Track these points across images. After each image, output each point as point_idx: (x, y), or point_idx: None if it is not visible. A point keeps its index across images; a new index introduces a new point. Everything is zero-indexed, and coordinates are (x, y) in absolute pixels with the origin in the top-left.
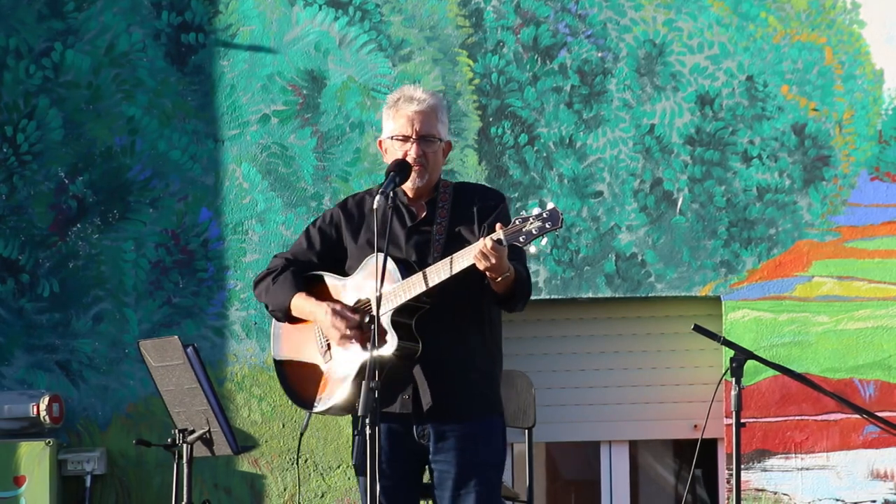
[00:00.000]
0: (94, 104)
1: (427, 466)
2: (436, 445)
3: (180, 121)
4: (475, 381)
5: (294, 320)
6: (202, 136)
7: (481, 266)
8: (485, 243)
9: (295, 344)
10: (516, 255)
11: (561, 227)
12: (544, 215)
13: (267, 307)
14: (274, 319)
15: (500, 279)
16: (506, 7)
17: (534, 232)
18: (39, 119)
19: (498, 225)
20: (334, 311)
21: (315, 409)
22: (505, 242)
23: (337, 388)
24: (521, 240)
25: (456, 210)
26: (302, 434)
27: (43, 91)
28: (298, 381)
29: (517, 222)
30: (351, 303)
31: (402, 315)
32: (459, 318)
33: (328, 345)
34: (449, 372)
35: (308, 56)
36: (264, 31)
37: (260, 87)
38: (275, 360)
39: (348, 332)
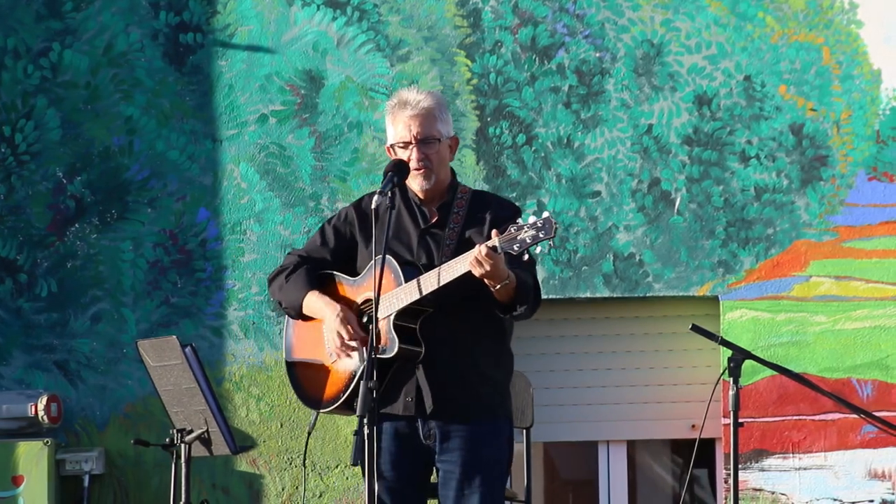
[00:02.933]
0: (92, 104)
1: (434, 467)
2: (441, 445)
3: (178, 121)
4: (478, 384)
5: (307, 318)
6: (200, 136)
7: (477, 273)
8: (479, 250)
9: (305, 342)
10: (524, 264)
11: (555, 236)
12: (538, 224)
13: (280, 304)
14: (287, 317)
15: (499, 286)
16: (504, 7)
17: (527, 241)
18: (37, 119)
19: (494, 231)
20: (342, 319)
21: (323, 409)
22: (500, 250)
23: (343, 387)
24: (515, 248)
25: (470, 217)
26: (309, 434)
27: (41, 91)
28: (307, 380)
29: (511, 230)
30: (359, 303)
31: (406, 318)
32: (464, 322)
33: None
34: (452, 374)
35: (306, 56)
36: (262, 31)
37: (258, 87)
38: (286, 359)
39: (350, 342)
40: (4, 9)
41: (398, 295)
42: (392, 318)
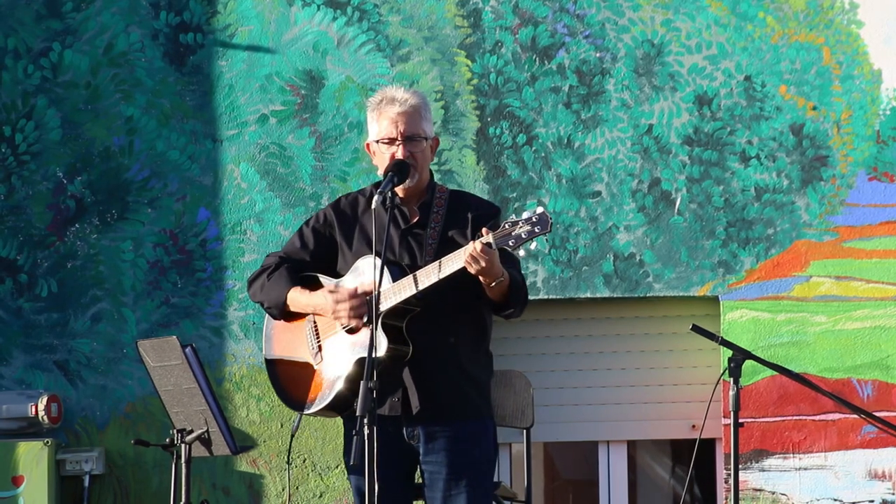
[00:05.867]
0: (93, 104)
1: (419, 467)
2: (426, 446)
3: (179, 121)
4: (463, 384)
5: (289, 318)
6: (200, 136)
7: (472, 270)
8: (474, 246)
9: (286, 344)
10: (510, 260)
11: (550, 231)
12: (533, 219)
13: (262, 305)
14: (267, 318)
15: (493, 284)
16: (504, 7)
17: (523, 236)
18: (38, 119)
19: (484, 230)
20: (338, 294)
21: (307, 411)
22: (494, 246)
23: (328, 389)
24: (511, 244)
25: (450, 215)
26: (293, 436)
27: (41, 91)
28: (290, 383)
29: (506, 226)
30: None
31: (393, 318)
32: (449, 322)
33: (319, 346)
34: (438, 374)
35: (306, 56)
36: (262, 31)
37: (258, 87)
38: (266, 361)
39: (357, 311)
40: (4, 9)
41: (388, 294)
42: (381, 317)
